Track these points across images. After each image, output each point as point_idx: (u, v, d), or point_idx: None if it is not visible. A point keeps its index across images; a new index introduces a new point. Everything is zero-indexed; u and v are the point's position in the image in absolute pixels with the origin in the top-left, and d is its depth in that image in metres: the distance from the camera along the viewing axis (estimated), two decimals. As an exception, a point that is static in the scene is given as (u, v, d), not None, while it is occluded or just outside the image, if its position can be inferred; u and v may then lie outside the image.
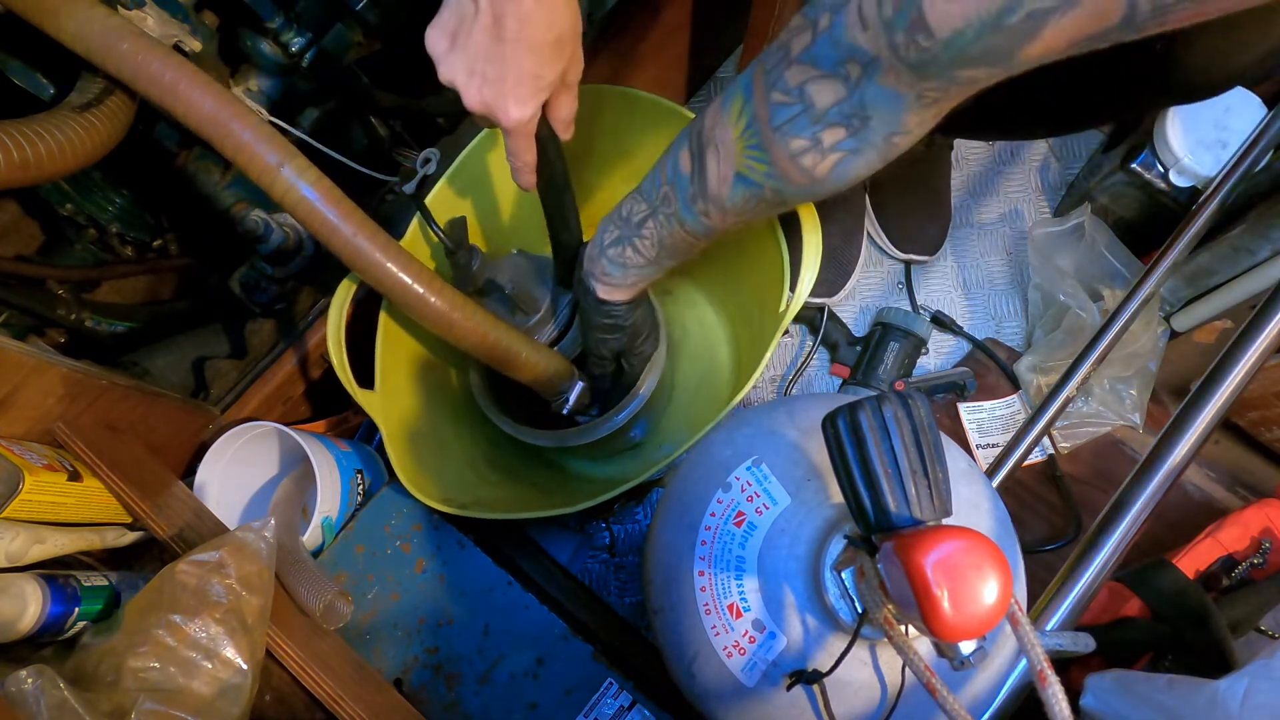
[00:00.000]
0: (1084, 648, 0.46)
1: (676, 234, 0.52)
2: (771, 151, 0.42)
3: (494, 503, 0.71)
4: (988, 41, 0.31)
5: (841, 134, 0.40)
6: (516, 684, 0.64)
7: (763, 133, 0.42)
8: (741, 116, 0.43)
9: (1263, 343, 0.50)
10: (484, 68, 0.46)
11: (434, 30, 0.47)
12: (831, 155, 0.41)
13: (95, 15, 0.49)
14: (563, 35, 0.46)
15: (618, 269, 0.57)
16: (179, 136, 0.71)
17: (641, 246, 0.55)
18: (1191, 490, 0.87)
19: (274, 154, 0.50)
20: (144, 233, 0.76)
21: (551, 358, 0.67)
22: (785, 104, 0.40)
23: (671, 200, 0.51)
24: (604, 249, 0.57)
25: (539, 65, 0.46)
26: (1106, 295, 0.83)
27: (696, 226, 0.51)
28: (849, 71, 0.37)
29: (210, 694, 0.45)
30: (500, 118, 0.48)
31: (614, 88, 0.70)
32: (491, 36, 0.45)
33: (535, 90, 0.48)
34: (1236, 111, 0.78)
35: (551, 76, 0.48)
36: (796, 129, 0.41)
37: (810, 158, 0.42)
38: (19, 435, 0.54)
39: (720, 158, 0.45)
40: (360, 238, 0.53)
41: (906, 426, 0.37)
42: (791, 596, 0.46)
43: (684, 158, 0.48)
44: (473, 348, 0.61)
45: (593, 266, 0.59)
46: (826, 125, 0.40)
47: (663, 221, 0.52)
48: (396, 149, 0.82)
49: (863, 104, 0.38)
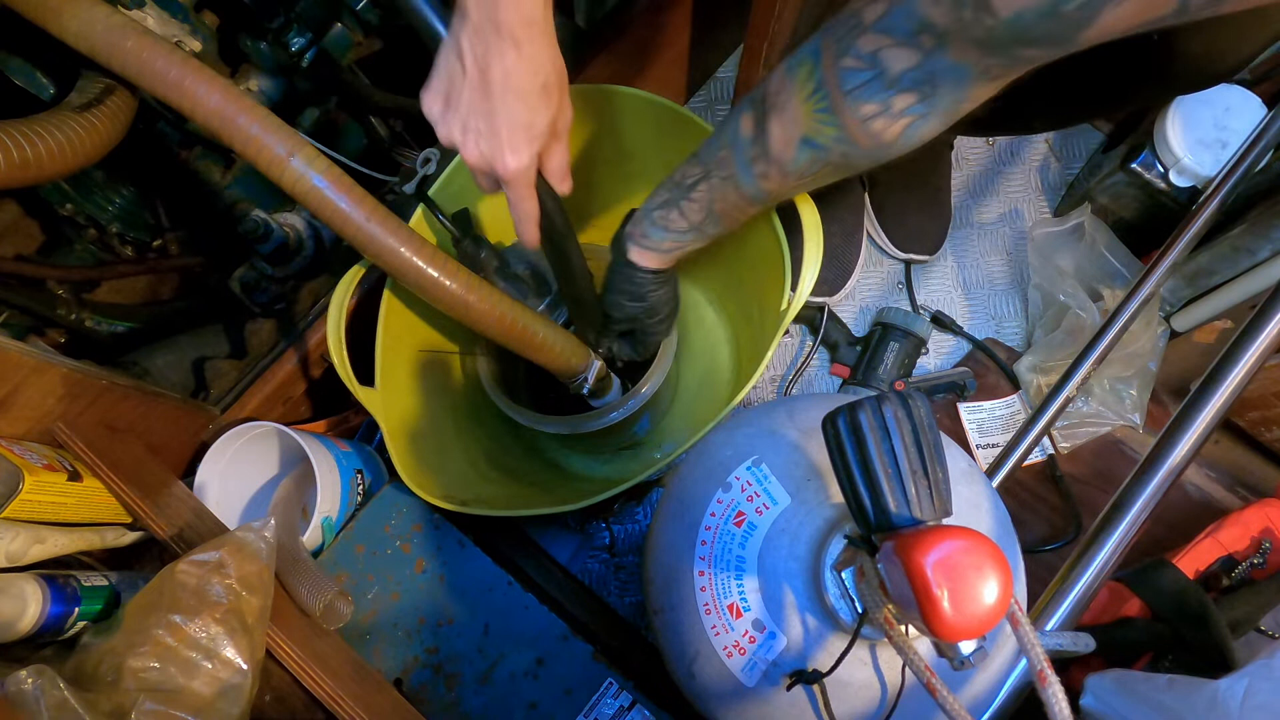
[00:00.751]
0: (1084, 648, 0.46)
1: (729, 198, 0.53)
2: (841, 116, 0.44)
3: (495, 500, 0.71)
4: (1047, 25, 0.34)
5: (912, 99, 0.42)
6: (516, 684, 0.64)
7: (832, 97, 0.44)
8: (809, 81, 0.44)
9: (1263, 343, 0.50)
10: (477, 123, 0.48)
11: (428, 94, 0.49)
12: (901, 120, 0.43)
13: (98, 14, 0.49)
14: (548, 82, 0.48)
15: (659, 231, 0.58)
16: (179, 136, 0.71)
17: (688, 210, 0.56)
18: (1191, 490, 0.87)
19: (282, 145, 0.50)
20: (144, 233, 0.76)
21: (568, 338, 0.67)
22: (857, 69, 0.42)
23: (729, 163, 0.51)
24: (649, 211, 0.58)
25: (529, 113, 0.48)
26: (1106, 295, 0.83)
27: (752, 189, 0.52)
28: (923, 41, 0.39)
29: (210, 694, 0.45)
30: (499, 168, 0.50)
31: (614, 88, 0.70)
32: (481, 92, 0.47)
33: (528, 138, 0.49)
34: (1236, 111, 0.78)
35: (542, 124, 0.49)
36: (868, 94, 0.42)
37: (881, 122, 0.43)
38: (19, 435, 0.54)
39: (785, 121, 0.47)
40: (373, 223, 0.53)
41: (906, 426, 0.37)
42: (791, 596, 0.46)
43: (745, 122, 0.49)
44: (489, 330, 0.61)
45: (633, 228, 0.60)
46: (899, 90, 0.41)
47: (716, 184, 0.53)
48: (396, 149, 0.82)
49: (933, 73, 0.40)
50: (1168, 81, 0.55)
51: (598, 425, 0.71)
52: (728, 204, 0.54)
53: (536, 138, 0.50)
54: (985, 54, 0.37)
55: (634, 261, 0.61)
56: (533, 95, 0.47)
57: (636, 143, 0.74)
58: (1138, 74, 0.55)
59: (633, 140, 0.74)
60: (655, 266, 0.61)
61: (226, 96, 0.49)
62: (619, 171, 0.78)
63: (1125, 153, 0.83)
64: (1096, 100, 0.62)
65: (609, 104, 0.71)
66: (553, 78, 0.48)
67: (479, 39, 0.45)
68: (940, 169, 0.95)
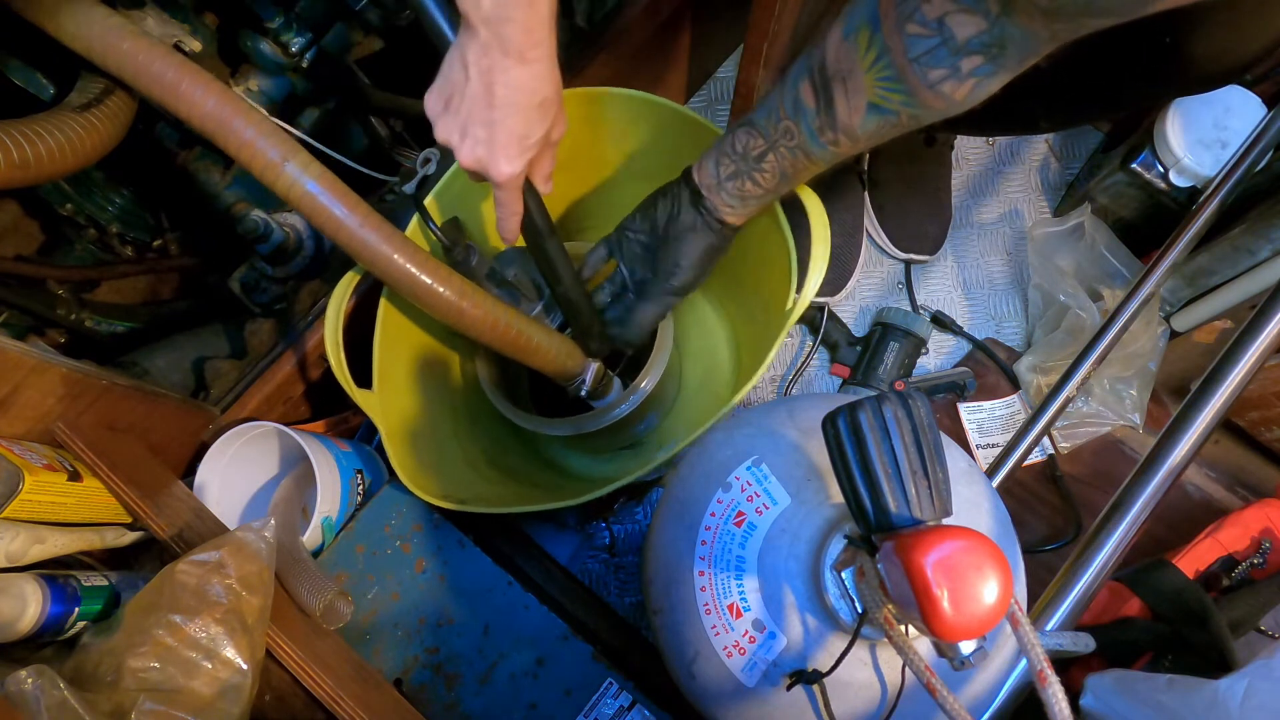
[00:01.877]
0: (1084, 648, 0.47)
1: (800, 163, 0.55)
2: (908, 81, 0.44)
3: (494, 500, 0.71)
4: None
5: (979, 60, 0.42)
6: (516, 684, 0.64)
7: (898, 64, 0.44)
8: (870, 49, 0.45)
9: (1263, 343, 0.50)
10: (475, 130, 0.50)
11: (430, 96, 0.52)
12: (969, 80, 0.43)
13: (96, 15, 0.49)
14: (547, 99, 0.50)
15: (738, 200, 0.59)
16: (179, 136, 0.71)
17: (762, 179, 0.57)
18: (1191, 490, 0.87)
19: (277, 150, 0.50)
20: (144, 233, 0.76)
21: (564, 341, 0.67)
22: (923, 36, 0.42)
23: (795, 133, 0.53)
24: (722, 183, 0.59)
25: (526, 126, 0.50)
26: (1106, 295, 0.83)
27: (824, 155, 0.53)
28: (989, 7, 0.39)
29: (210, 694, 0.45)
30: (492, 174, 0.52)
31: (615, 89, 0.70)
32: (483, 102, 0.49)
33: (523, 149, 0.52)
34: (1236, 111, 0.78)
35: (538, 136, 0.52)
36: (936, 60, 0.43)
37: (950, 85, 0.44)
38: (19, 435, 0.54)
39: (849, 90, 0.47)
40: (366, 229, 0.53)
41: (906, 426, 0.37)
42: (791, 596, 0.46)
43: (806, 92, 0.50)
44: (484, 335, 0.61)
45: (714, 198, 0.60)
46: (966, 54, 0.42)
47: (784, 154, 0.54)
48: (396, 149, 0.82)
49: (1001, 37, 0.40)
50: (1170, 82, 0.55)
51: (599, 425, 0.71)
52: (799, 168, 0.55)
53: (530, 149, 0.52)
54: (1051, 21, 0.37)
55: (729, 222, 0.62)
56: (532, 110, 0.50)
57: (637, 143, 0.74)
58: (1140, 74, 0.55)
59: (633, 140, 0.74)
60: (742, 222, 0.63)
61: (222, 100, 0.49)
62: (620, 172, 0.78)
63: (1125, 153, 0.83)
64: (1098, 100, 0.61)
65: (609, 105, 0.71)
66: (551, 94, 0.50)
67: (485, 55, 0.47)
68: (940, 169, 0.95)
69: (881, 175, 0.94)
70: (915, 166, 0.93)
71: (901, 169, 0.93)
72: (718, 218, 0.61)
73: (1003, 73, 0.43)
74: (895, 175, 0.93)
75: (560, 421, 0.72)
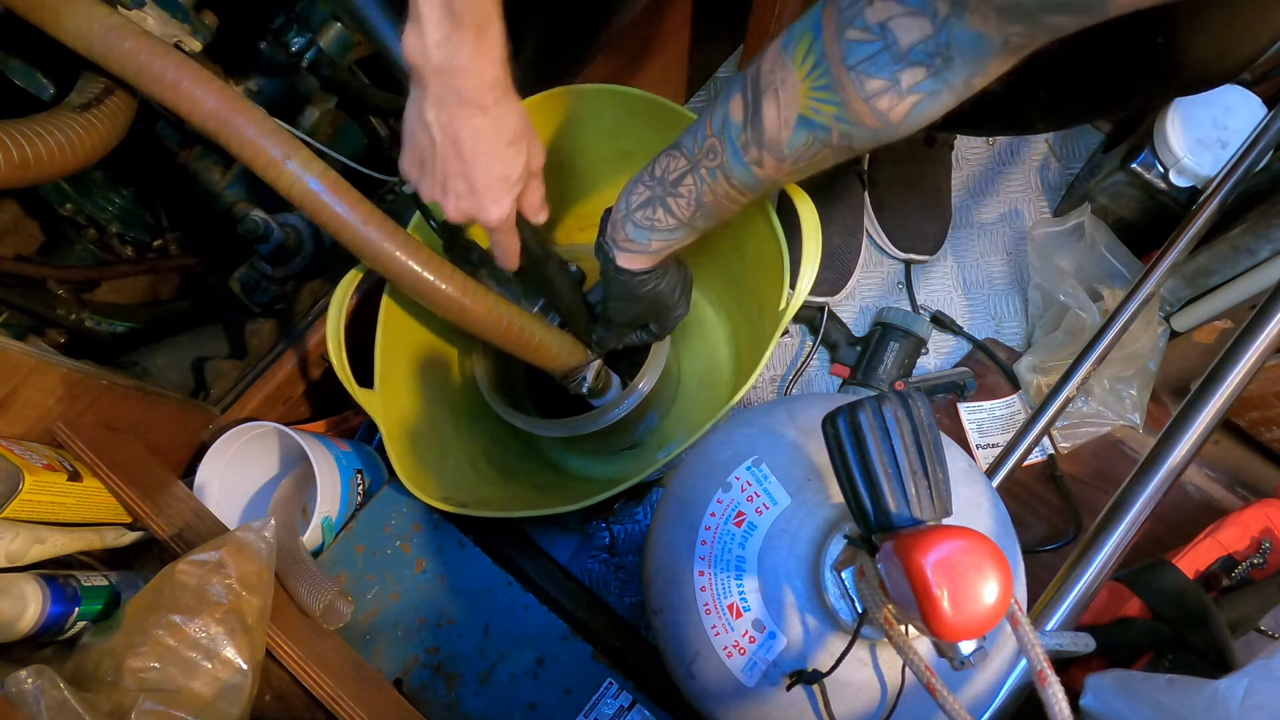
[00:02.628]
0: (1084, 648, 0.46)
1: (720, 189, 0.50)
2: (844, 92, 0.41)
3: (494, 502, 0.71)
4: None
5: (921, 75, 0.39)
6: (516, 684, 0.64)
7: (834, 72, 0.41)
8: (809, 57, 0.42)
9: (1263, 343, 0.50)
10: (456, 184, 0.51)
11: (403, 162, 0.53)
12: (909, 97, 0.40)
13: (96, 15, 0.49)
14: (516, 134, 0.50)
15: (643, 233, 0.55)
16: (179, 136, 0.71)
17: (676, 206, 0.53)
18: (1191, 490, 0.87)
19: (278, 148, 0.50)
20: (144, 233, 0.76)
21: (565, 338, 0.67)
22: (863, 41, 0.39)
23: (718, 152, 0.49)
24: (629, 212, 0.55)
25: (504, 168, 0.51)
26: (1106, 295, 0.83)
27: (745, 178, 0.49)
28: (937, 9, 0.36)
29: (210, 694, 0.45)
30: (482, 220, 0.53)
31: (613, 87, 0.70)
32: (454, 156, 0.49)
33: (507, 189, 0.52)
34: (1236, 111, 0.78)
35: (517, 173, 0.52)
36: (874, 68, 0.40)
37: (887, 99, 0.41)
38: (19, 435, 0.54)
39: (781, 101, 0.44)
40: (369, 227, 0.53)
41: (906, 426, 0.37)
42: (791, 596, 0.46)
43: (735, 105, 0.47)
44: (485, 332, 0.61)
45: (614, 232, 0.56)
46: (908, 65, 0.39)
47: (704, 176, 0.50)
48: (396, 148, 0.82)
49: (948, 44, 0.37)
50: (1168, 82, 0.55)
51: (598, 426, 0.71)
52: (718, 195, 0.51)
53: (514, 186, 0.52)
54: (1007, 21, 0.35)
55: (625, 267, 0.58)
56: (504, 150, 0.50)
57: (636, 143, 0.74)
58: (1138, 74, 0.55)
59: (632, 140, 0.74)
60: (647, 267, 0.58)
61: (223, 99, 0.49)
62: (619, 171, 0.78)
63: (1125, 153, 0.83)
64: (1097, 100, 0.61)
65: (609, 104, 0.71)
66: (519, 129, 0.50)
67: (443, 109, 0.47)
68: (940, 169, 0.95)
69: (881, 175, 0.94)
70: (915, 166, 0.93)
71: (901, 169, 0.93)
72: (610, 258, 0.57)
73: (945, 93, 0.40)
74: (895, 175, 0.93)
75: (556, 422, 0.72)
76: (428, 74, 0.45)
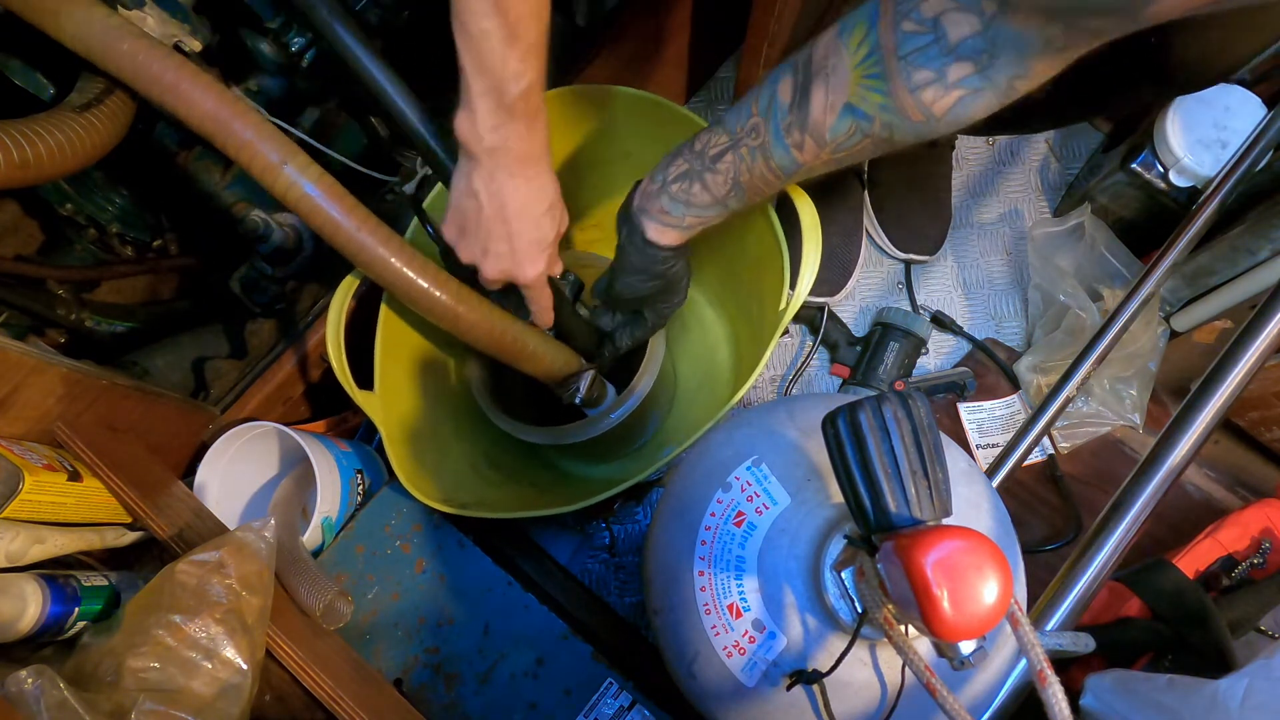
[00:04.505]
0: (1084, 648, 0.46)
1: (757, 170, 0.51)
2: (892, 82, 0.43)
3: (494, 502, 0.71)
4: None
5: (969, 70, 0.41)
6: (516, 684, 0.64)
7: (886, 62, 0.42)
8: (863, 45, 0.43)
9: (1263, 343, 0.50)
10: (497, 246, 0.56)
11: (446, 227, 0.58)
12: (954, 92, 0.42)
13: (95, 15, 0.49)
14: (553, 203, 0.56)
15: (679, 206, 0.55)
16: (179, 136, 0.71)
17: (713, 183, 0.53)
18: (1191, 490, 0.87)
19: (275, 152, 0.50)
20: (144, 233, 0.76)
21: (559, 348, 0.67)
22: (916, 33, 0.41)
23: (761, 131, 0.49)
24: (666, 184, 0.55)
25: (541, 232, 0.56)
26: (1106, 295, 0.83)
27: (784, 161, 0.50)
28: (984, 7, 0.38)
29: (210, 694, 0.45)
30: (519, 279, 0.58)
31: (615, 88, 0.70)
32: (498, 220, 0.54)
33: (541, 251, 0.57)
34: (1236, 111, 0.78)
35: (552, 237, 0.57)
36: (925, 60, 0.41)
37: (932, 91, 0.42)
38: (19, 435, 0.54)
39: (830, 87, 0.45)
40: (363, 233, 0.53)
41: (906, 426, 0.37)
42: (791, 596, 0.46)
43: (784, 87, 0.48)
44: (479, 341, 0.61)
45: (647, 203, 0.56)
46: (956, 59, 0.40)
47: (744, 155, 0.51)
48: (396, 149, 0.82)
49: (994, 41, 0.39)
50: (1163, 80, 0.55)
51: (595, 433, 0.70)
52: (754, 176, 0.51)
53: (548, 248, 0.57)
54: (1048, 21, 0.36)
55: (653, 240, 0.57)
56: (543, 217, 0.55)
57: (636, 143, 0.74)
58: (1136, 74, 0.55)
59: (632, 140, 0.74)
60: (675, 243, 0.58)
61: (221, 101, 0.49)
62: (618, 171, 0.78)
63: (1125, 153, 0.83)
64: (1094, 99, 0.61)
65: (609, 104, 0.71)
66: (555, 199, 0.56)
67: (491, 179, 0.52)
68: (941, 169, 0.95)
69: (881, 175, 0.94)
70: (915, 166, 0.93)
71: (901, 169, 0.93)
72: (638, 227, 0.57)
73: (989, 91, 0.41)
74: (895, 175, 0.93)
75: (552, 431, 0.72)
76: (479, 152, 0.51)
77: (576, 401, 0.70)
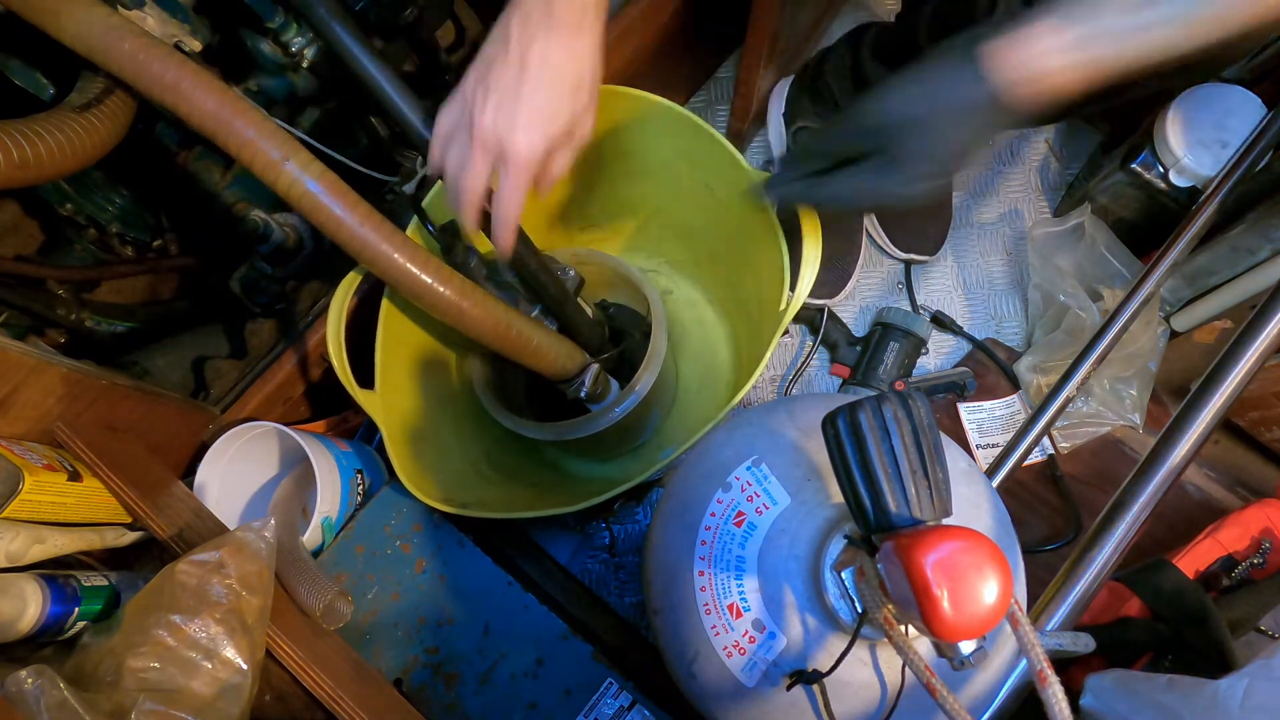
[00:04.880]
0: (1084, 648, 0.46)
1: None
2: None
3: (495, 502, 0.71)
4: None
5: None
6: (516, 684, 0.64)
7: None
8: None
9: (1263, 343, 0.50)
10: (501, 96, 0.48)
11: (470, 71, 0.51)
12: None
13: (96, 15, 0.49)
14: (581, 80, 0.49)
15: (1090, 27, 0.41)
16: (179, 136, 0.71)
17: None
18: (1191, 490, 0.87)
19: (277, 149, 0.50)
20: (144, 233, 0.76)
21: (564, 343, 0.67)
22: None
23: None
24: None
25: (553, 103, 0.49)
26: (1106, 295, 0.83)
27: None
28: None
29: (210, 694, 0.45)
30: (507, 144, 0.49)
31: (614, 87, 0.70)
32: (516, 71, 0.48)
33: (544, 128, 0.49)
34: (1236, 111, 0.78)
35: (564, 119, 0.49)
36: None
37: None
38: (19, 435, 0.54)
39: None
40: (366, 228, 0.53)
41: (906, 426, 0.37)
42: (791, 596, 0.46)
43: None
44: (484, 336, 0.61)
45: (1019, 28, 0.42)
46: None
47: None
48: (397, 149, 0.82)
49: None
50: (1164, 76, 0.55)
51: (596, 428, 0.71)
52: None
53: (553, 131, 0.49)
54: None
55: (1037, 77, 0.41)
56: (563, 85, 0.48)
57: (635, 143, 0.74)
58: None
59: (632, 140, 0.74)
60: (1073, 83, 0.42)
61: (222, 100, 0.49)
62: (618, 171, 0.78)
63: (1125, 153, 0.83)
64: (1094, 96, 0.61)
65: (608, 104, 0.71)
66: (586, 77, 0.49)
67: (528, 25, 0.47)
68: (941, 169, 0.95)
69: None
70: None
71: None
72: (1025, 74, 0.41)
73: None
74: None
75: (554, 426, 0.72)
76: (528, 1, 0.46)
77: (580, 396, 0.70)
